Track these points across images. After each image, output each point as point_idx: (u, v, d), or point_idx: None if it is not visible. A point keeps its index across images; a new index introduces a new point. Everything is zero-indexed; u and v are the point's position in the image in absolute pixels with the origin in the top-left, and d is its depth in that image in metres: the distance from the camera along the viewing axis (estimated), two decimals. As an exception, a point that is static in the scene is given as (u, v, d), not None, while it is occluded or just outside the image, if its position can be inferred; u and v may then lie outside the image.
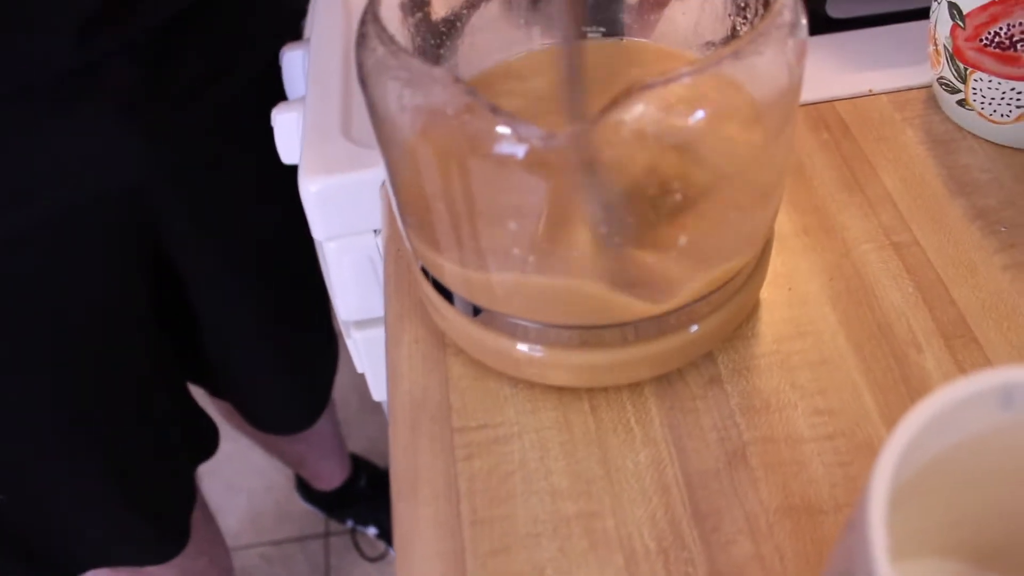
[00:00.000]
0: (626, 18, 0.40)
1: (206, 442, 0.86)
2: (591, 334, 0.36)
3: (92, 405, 0.68)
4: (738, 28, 0.38)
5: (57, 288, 0.62)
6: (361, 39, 0.32)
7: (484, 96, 0.29)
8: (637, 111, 0.30)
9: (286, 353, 0.84)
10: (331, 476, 1.22)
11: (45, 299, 0.62)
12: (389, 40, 0.31)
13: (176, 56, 0.61)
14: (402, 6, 0.37)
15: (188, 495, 0.83)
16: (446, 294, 0.37)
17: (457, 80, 0.29)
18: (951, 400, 0.22)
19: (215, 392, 0.91)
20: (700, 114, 0.31)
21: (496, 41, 0.42)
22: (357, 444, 1.32)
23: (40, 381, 0.65)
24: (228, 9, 0.64)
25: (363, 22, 0.32)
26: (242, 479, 1.37)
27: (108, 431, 0.70)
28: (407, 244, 0.39)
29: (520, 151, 0.29)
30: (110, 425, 0.70)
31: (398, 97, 0.31)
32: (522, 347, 0.36)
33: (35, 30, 0.53)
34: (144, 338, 0.71)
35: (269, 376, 0.85)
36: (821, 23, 0.55)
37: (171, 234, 0.68)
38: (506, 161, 0.30)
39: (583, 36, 0.35)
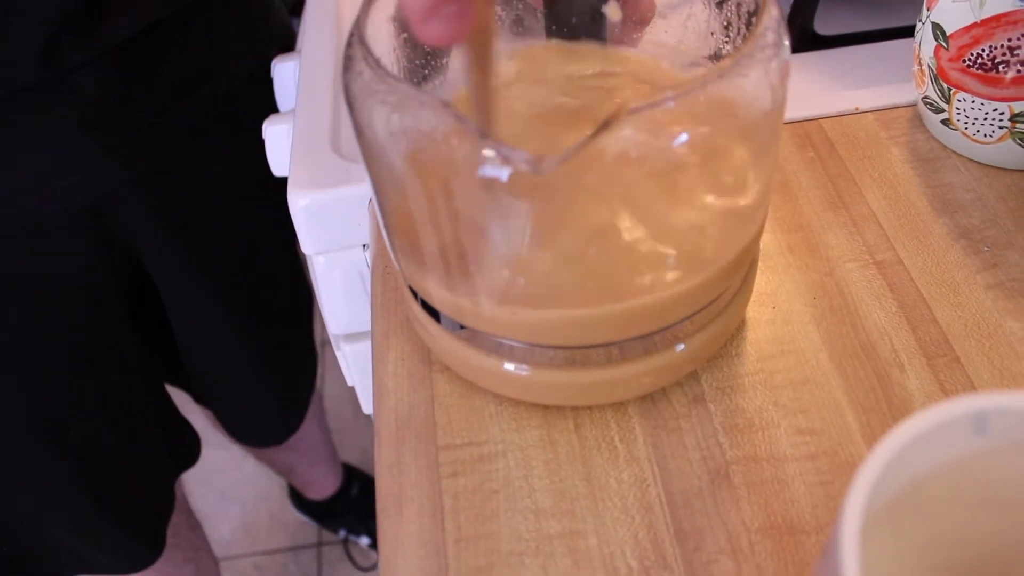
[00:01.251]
0: (609, 36, 0.40)
1: (187, 450, 0.86)
2: (577, 353, 0.36)
3: (65, 410, 0.68)
4: (721, 47, 0.39)
5: (29, 294, 0.63)
6: (347, 62, 0.32)
7: (471, 120, 0.29)
8: (624, 135, 0.30)
9: (262, 364, 0.84)
10: (322, 485, 1.22)
11: (17, 304, 0.62)
12: (376, 64, 0.31)
13: (146, 70, 0.61)
14: (391, 21, 0.37)
15: (165, 502, 0.83)
16: (433, 312, 0.38)
17: (446, 104, 0.30)
18: (925, 427, 0.23)
19: (197, 399, 0.91)
20: (686, 137, 0.31)
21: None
22: (350, 454, 1.32)
23: (12, 385, 0.65)
24: (201, 24, 0.64)
25: (349, 44, 0.32)
26: (234, 489, 1.37)
27: (81, 436, 0.70)
28: (394, 263, 0.40)
29: (508, 175, 0.30)
30: (83, 430, 0.70)
31: (386, 121, 0.31)
32: (508, 366, 0.36)
33: None
34: (121, 346, 0.71)
35: (244, 386, 0.85)
36: (809, 40, 0.55)
37: (144, 244, 0.68)
38: (494, 185, 0.30)
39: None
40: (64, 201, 0.60)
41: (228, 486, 1.37)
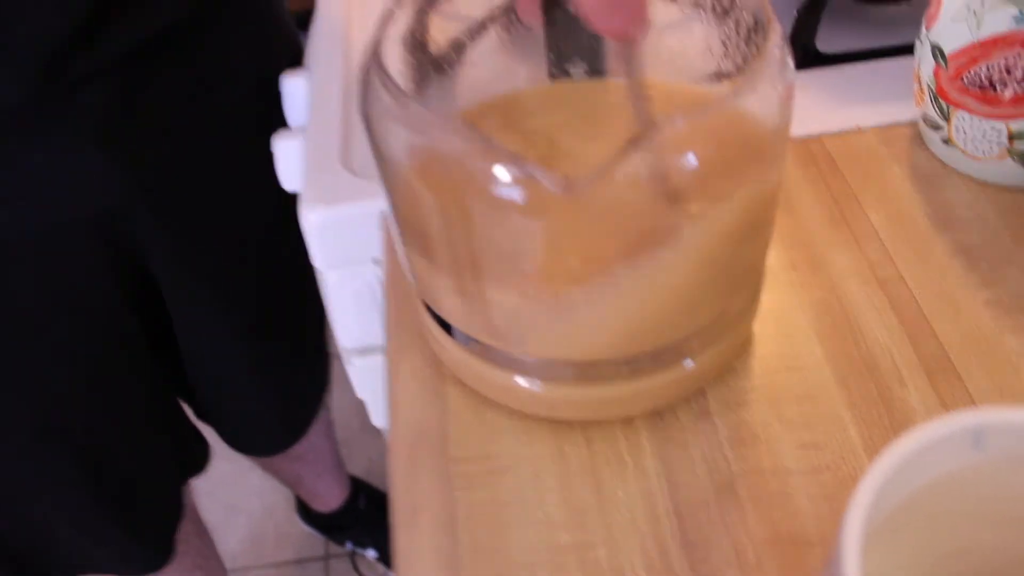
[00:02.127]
0: (607, 53, 0.41)
1: (195, 456, 0.86)
2: (588, 369, 0.37)
3: (71, 414, 0.69)
4: (721, 64, 0.39)
5: (38, 302, 0.63)
6: (365, 87, 0.33)
7: (499, 142, 0.30)
8: (647, 156, 0.31)
9: (266, 372, 0.84)
10: (329, 496, 1.22)
11: (26, 312, 0.63)
12: (396, 89, 0.32)
13: (153, 82, 0.61)
14: (404, 43, 0.38)
15: (175, 508, 0.83)
16: (446, 326, 0.38)
17: (471, 127, 0.30)
18: (923, 442, 0.23)
19: (198, 413, 0.91)
20: (708, 155, 0.31)
21: (493, 76, 0.43)
22: (357, 466, 1.33)
23: (22, 390, 0.66)
24: (207, 37, 0.65)
25: (366, 69, 0.33)
26: (241, 501, 1.38)
27: (87, 439, 0.70)
28: (409, 278, 0.40)
29: (539, 196, 0.30)
30: (89, 433, 0.70)
31: (408, 145, 0.32)
32: (520, 380, 0.37)
33: None
34: (130, 353, 0.71)
35: (247, 393, 0.85)
36: (811, 58, 0.56)
37: (152, 253, 0.69)
38: (522, 206, 0.31)
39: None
40: (75, 212, 0.61)
41: (235, 498, 1.38)
